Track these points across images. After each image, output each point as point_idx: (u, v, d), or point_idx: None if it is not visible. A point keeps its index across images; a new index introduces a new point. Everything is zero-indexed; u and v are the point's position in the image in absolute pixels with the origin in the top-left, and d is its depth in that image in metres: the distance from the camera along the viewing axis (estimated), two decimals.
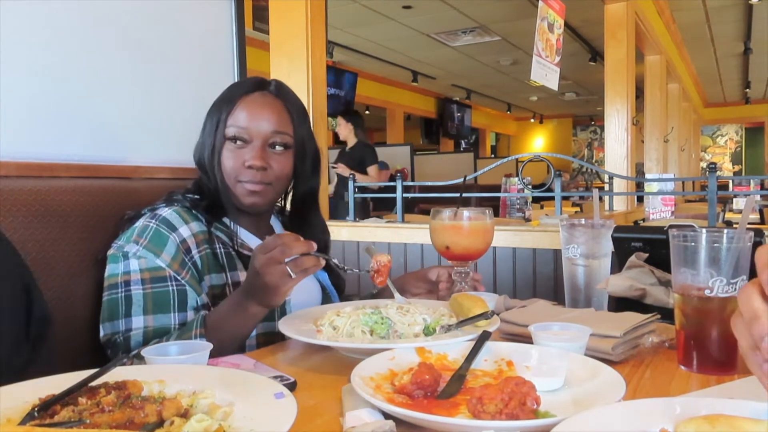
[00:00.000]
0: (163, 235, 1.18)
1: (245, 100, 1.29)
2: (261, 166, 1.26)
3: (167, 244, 1.18)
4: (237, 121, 1.27)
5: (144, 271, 1.16)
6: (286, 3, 3.03)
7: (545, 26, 4.13)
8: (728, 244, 0.87)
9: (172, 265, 1.16)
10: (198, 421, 0.64)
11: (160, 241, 1.18)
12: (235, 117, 1.27)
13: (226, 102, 1.30)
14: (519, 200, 4.41)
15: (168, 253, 1.17)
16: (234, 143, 1.27)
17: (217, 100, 1.32)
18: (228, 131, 1.27)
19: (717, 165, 2.60)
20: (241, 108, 1.28)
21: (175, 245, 1.18)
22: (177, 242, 1.19)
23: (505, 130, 16.83)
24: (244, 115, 1.27)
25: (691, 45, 8.57)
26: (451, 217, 1.36)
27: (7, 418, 0.66)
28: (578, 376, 0.82)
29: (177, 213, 1.23)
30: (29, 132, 1.29)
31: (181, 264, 1.18)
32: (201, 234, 1.24)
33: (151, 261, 1.16)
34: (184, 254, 1.19)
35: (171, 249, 1.18)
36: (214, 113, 1.30)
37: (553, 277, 2.51)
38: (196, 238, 1.22)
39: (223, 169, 1.28)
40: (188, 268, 1.19)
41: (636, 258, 1.24)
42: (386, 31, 7.89)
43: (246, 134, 1.27)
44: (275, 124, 1.29)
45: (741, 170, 15.04)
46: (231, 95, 1.31)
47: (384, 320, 1.03)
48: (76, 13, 1.37)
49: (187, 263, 1.19)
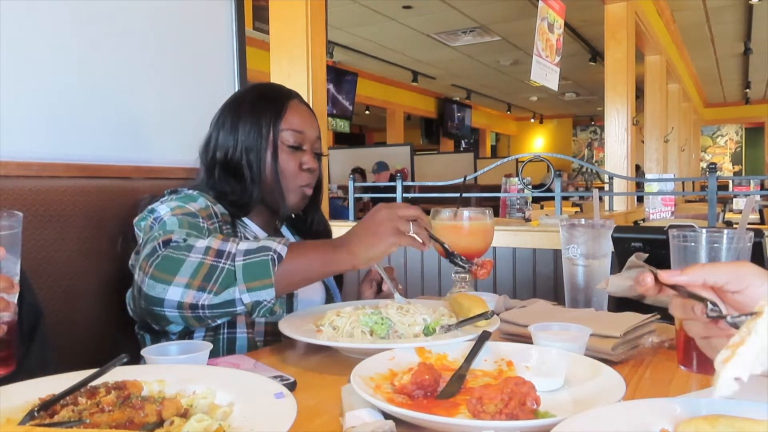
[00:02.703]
0: (192, 195, 1.20)
1: (292, 106, 1.33)
2: (317, 168, 1.33)
3: (197, 200, 1.19)
4: (292, 126, 1.30)
5: (175, 209, 1.14)
6: (286, 3, 3.03)
7: (545, 26, 4.13)
8: (728, 245, 0.87)
9: (200, 214, 1.16)
10: (198, 421, 0.64)
11: (189, 198, 1.19)
12: (288, 122, 1.30)
13: (269, 107, 1.31)
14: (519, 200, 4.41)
15: (199, 204, 1.18)
16: (292, 149, 1.30)
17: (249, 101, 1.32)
18: (285, 137, 1.29)
19: (717, 165, 2.60)
20: (292, 114, 1.31)
21: (204, 203, 1.19)
22: (206, 203, 1.20)
23: (505, 130, 16.83)
24: (298, 120, 1.31)
25: (691, 45, 8.57)
26: (451, 217, 1.36)
27: (7, 418, 0.66)
28: (578, 376, 0.82)
29: (202, 195, 1.23)
30: (29, 132, 1.29)
31: (209, 217, 1.18)
32: (226, 216, 1.24)
33: (181, 206, 1.15)
34: (212, 214, 1.19)
35: (201, 203, 1.18)
36: (249, 115, 1.30)
37: (553, 277, 2.51)
38: (221, 218, 1.22)
39: (282, 172, 1.29)
40: (214, 223, 1.18)
41: (636, 258, 1.24)
42: (386, 31, 7.89)
43: (302, 140, 1.32)
44: (317, 130, 1.36)
45: (741, 170, 15.04)
46: (273, 99, 1.32)
47: (384, 320, 1.03)
48: (76, 13, 1.37)
49: (215, 220, 1.19)
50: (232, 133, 1.30)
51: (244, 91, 1.42)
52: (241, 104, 1.33)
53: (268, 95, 1.35)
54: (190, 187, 1.29)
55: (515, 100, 14.01)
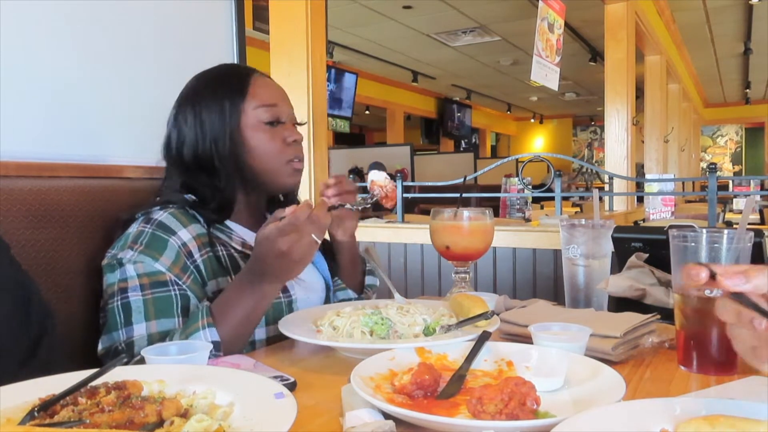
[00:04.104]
0: (161, 239, 1.11)
1: (255, 81, 1.24)
2: (301, 138, 1.25)
3: (167, 248, 1.10)
4: (263, 101, 1.21)
5: (142, 276, 1.07)
6: (286, 3, 3.03)
7: (545, 26, 4.13)
8: (728, 245, 0.87)
9: (172, 269, 1.09)
10: (198, 421, 0.64)
11: (158, 245, 1.10)
12: (258, 98, 1.21)
13: (229, 89, 1.21)
14: (519, 200, 4.41)
15: (168, 257, 1.09)
16: (271, 125, 1.21)
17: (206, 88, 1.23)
18: (259, 114, 1.20)
19: (717, 165, 2.60)
20: (258, 89, 1.22)
21: (175, 249, 1.11)
22: (177, 245, 1.11)
23: (505, 130, 16.82)
24: (267, 93, 1.23)
25: (691, 45, 8.57)
26: (451, 217, 1.36)
27: (7, 418, 0.66)
28: (578, 376, 0.82)
29: (173, 216, 1.15)
30: (29, 132, 1.29)
31: (183, 268, 1.11)
32: (202, 237, 1.16)
33: (149, 265, 1.08)
34: (186, 258, 1.12)
35: (171, 253, 1.10)
36: (210, 102, 1.21)
37: (553, 277, 2.51)
38: (197, 241, 1.15)
39: (263, 154, 1.21)
40: (190, 273, 1.12)
41: (636, 258, 1.24)
42: (386, 31, 7.89)
43: (278, 113, 1.23)
44: (288, 100, 1.28)
45: (741, 170, 15.04)
46: (231, 81, 1.23)
47: (384, 321, 1.03)
48: (75, 12, 1.37)
49: (189, 267, 1.12)
50: (195, 126, 1.21)
51: (196, 80, 1.28)
52: (197, 93, 1.24)
53: (225, 76, 1.25)
54: (162, 198, 1.21)
55: (515, 100, 14.01)
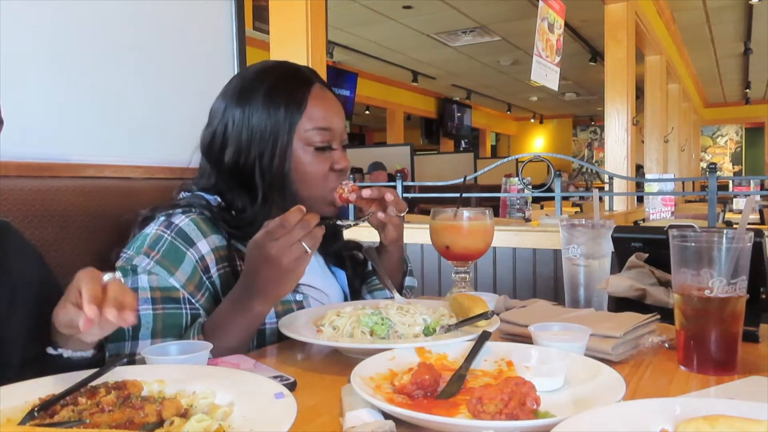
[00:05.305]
0: (179, 250, 1.05)
1: (316, 95, 1.14)
2: (349, 166, 1.15)
3: (183, 262, 1.05)
4: (318, 123, 1.12)
5: (155, 289, 1.03)
6: (286, 3, 3.03)
7: (545, 26, 4.13)
8: (728, 245, 0.87)
9: (187, 287, 1.05)
10: (198, 421, 0.64)
11: (175, 257, 1.05)
12: (312, 118, 1.12)
13: (285, 99, 1.12)
14: (519, 200, 4.41)
15: (183, 272, 1.04)
16: (318, 151, 1.12)
17: (259, 89, 1.13)
18: (310, 137, 1.11)
19: (717, 165, 2.60)
20: (315, 105, 1.13)
21: (192, 264, 1.06)
22: (194, 260, 1.06)
23: (505, 130, 16.82)
24: (322, 113, 1.13)
25: (691, 45, 8.57)
26: (451, 217, 1.36)
27: (7, 418, 0.66)
28: (578, 376, 0.82)
29: (195, 223, 1.09)
30: (29, 132, 1.29)
31: (198, 285, 1.06)
32: (221, 249, 1.10)
33: (163, 279, 1.03)
34: (202, 273, 1.07)
35: (187, 268, 1.05)
36: (261, 108, 1.12)
37: (553, 277, 2.51)
38: (215, 253, 1.09)
39: (309, 179, 1.12)
40: (205, 290, 1.07)
41: (636, 258, 1.24)
42: (386, 31, 7.89)
43: (330, 137, 1.13)
44: (343, 118, 1.17)
45: (741, 170, 15.04)
46: (289, 88, 1.13)
47: (384, 321, 1.03)
48: (76, 13, 1.37)
49: (205, 283, 1.07)
50: (241, 131, 1.13)
51: (253, 76, 1.18)
52: (249, 90, 1.15)
53: (284, 80, 1.16)
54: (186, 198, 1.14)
55: (515, 100, 14.01)
